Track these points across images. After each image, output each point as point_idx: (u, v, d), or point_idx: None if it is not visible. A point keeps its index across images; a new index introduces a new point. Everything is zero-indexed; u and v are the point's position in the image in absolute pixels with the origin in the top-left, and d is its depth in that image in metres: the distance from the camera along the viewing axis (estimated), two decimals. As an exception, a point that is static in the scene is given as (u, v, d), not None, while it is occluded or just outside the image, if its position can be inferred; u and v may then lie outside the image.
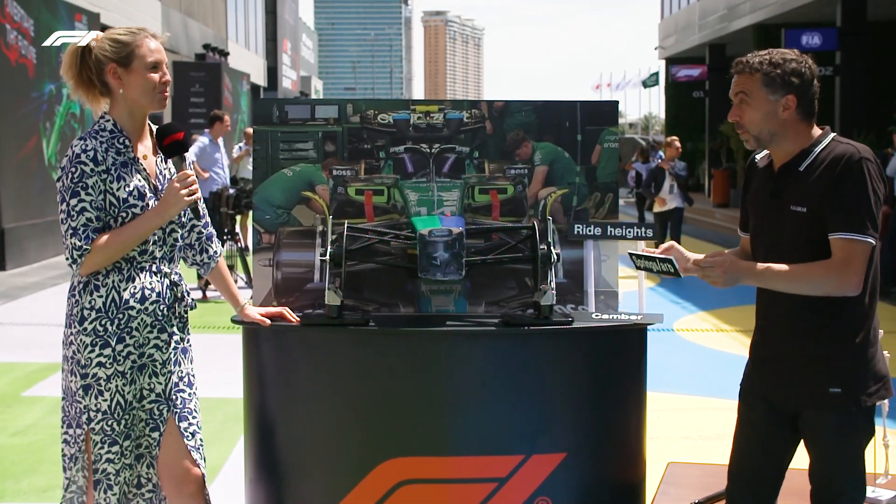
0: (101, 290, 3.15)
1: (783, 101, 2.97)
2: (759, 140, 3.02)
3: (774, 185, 3.03)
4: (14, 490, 5.02)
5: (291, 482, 3.50)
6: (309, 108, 3.76)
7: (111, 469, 3.19)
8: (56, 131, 15.21)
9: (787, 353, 3.02)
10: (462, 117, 3.74)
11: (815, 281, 2.89)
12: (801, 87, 2.98)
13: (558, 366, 3.46)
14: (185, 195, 3.17)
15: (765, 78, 2.97)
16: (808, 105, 3.01)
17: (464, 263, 3.45)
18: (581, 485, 3.47)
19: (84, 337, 3.14)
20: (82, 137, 3.18)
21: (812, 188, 2.93)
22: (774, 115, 2.98)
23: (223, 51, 31.98)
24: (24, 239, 13.90)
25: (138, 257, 3.20)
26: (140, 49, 3.18)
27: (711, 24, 27.81)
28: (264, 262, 3.70)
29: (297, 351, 3.49)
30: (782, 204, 2.99)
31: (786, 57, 2.99)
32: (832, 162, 2.93)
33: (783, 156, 3.03)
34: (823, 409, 2.98)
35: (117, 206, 3.15)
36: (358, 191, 3.71)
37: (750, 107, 2.99)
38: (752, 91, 2.98)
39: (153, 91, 3.20)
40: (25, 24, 14.26)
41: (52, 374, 7.46)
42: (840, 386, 2.95)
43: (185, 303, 3.32)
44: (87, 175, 3.11)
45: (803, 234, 2.94)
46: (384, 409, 3.40)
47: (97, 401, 3.16)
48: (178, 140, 3.28)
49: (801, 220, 2.95)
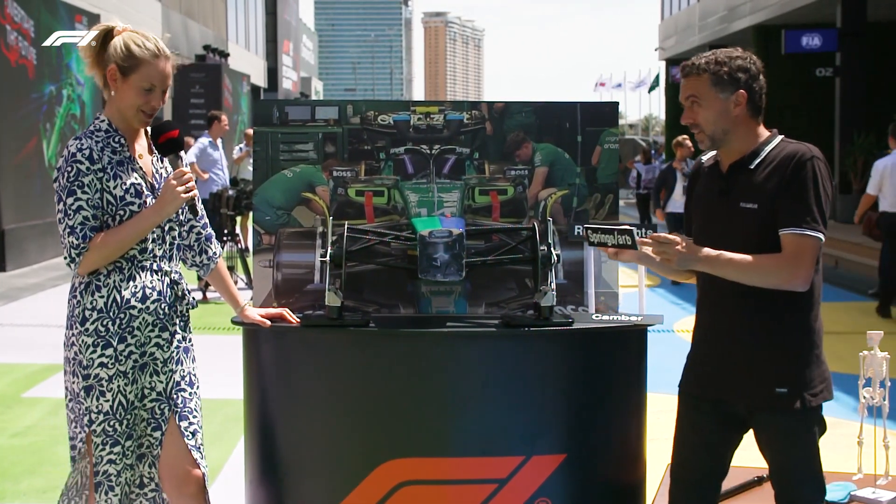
0: (102, 290, 3.15)
1: (734, 97, 3.02)
2: (713, 139, 3.06)
3: (724, 183, 3.07)
4: (14, 491, 5.02)
5: (292, 483, 3.49)
6: (309, 110, 3.76)
7: (112, 470, 3.18)
8: (56, 132, 15.21)
9: (732, 353, 3.04)
10: (462, 118, 3.74)
11: (765, 272, 2.92)
12: (748, 82, 3.03)
13: (558, 367, 3.46)
14: (182, 192, 3.18)
15: (713, 77, 3.02)
16: (756, 100, 3.05)
17: (464, 264, 3.45)
18: (581, 486, 3.47)
19: (86, 337, 3.14)
20: (78, 137, 3.19)
21: (763, 185, 2.98)
22: (727, 113, 3.03)
23: (223, 52, 32.00)
24: (24, 240, 13.90)
25: (139, 256, 3.20)
26: (145, 68, 3.17)
27: (711, 25, 27.82)
28: (264, 264, 3.70)
29: (297, 352, 3.48)
30: (731, 201, 3.03)
31: (731, 55, 3.05)
32: (783, 160, 2.98)
33: (733, 155, 3.08)
34: (771, 411, 3.01)
35: (115, 205, 3.15)
36: (358, 192, 3.71)
37: (702, 108, 3.04)
38: (702, 92, 3.03)
39: (136, 109, 3.19)
40: (26, 24, 14.26)
41: (52, 376, 7.46)
42: (786, 386, 2.98)
43: (186, 301, 3.32)
44: (82, 174, 3.11)
45: (753, 231, 2.98)
46: (384, 410, 3.39)
47: (99, 402, 3.16)
48: (173, 138, 3.28)
49: (751, 217, 2.98)
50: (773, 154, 3.01)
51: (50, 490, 4.99)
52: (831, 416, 6.66)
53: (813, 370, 3.01)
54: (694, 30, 30.17)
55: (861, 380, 3.97)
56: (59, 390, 6.98)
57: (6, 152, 13.44)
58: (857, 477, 3.94)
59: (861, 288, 12.03)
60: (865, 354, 3.93)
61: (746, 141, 3.05)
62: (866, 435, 3.99)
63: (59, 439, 5.85)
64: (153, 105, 3.21)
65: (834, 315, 10.36)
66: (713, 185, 3.12)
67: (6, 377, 7.50)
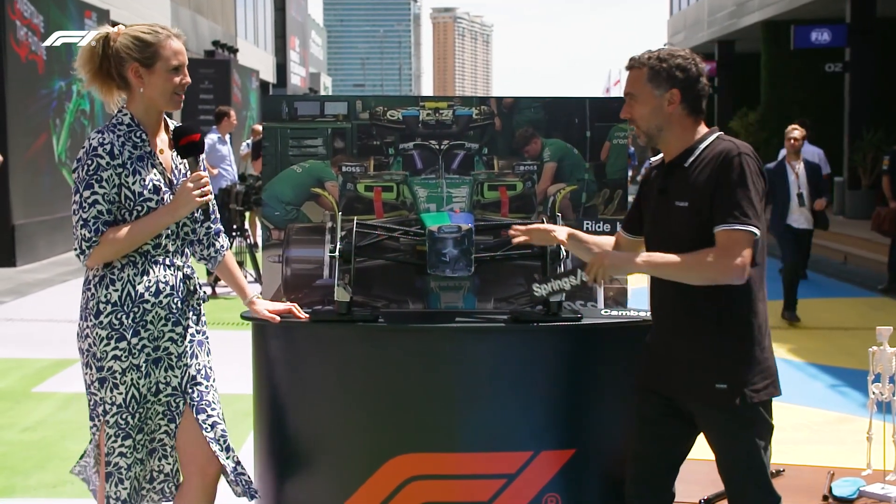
0: (116, 283, 3.17)
1: (668, 95, 3.05)
2: (648, 135, 3.10)
3: (663, 181, 3.11)
4: (23, 486, 5.03)
5: (302, 478, 3.51)
6: (318, 105, 3.76)
7: (123, 463, 3.20)
8: (66, 128, 15.25)
9: (676, 347, 3.07)
10: (471, 114, 3.74)
11: (698, 268, 2.95)
12: (685, 81, 3.05)
13: (567, 362, 3.46)
14: (197, 195, 3.19)
15: (650, 72, 3.05)
16: (693, 101, 3.07)
17: (473, 260, 3.45)
18: (590, 482, 3.47)
19: (100, 330, 3.16)
20: (100, 130, 3.20)
21: (694, 184, 3.01)
22: (660, 110, 3.06)
23: (232, 48, 32.03)
24: (34, 235, 13.94)
25: (152, 251, 3.22)
26: (164, 50, 3.19)
27: (720, 20, 27.75)
28: (274, 259, 3.71)
29: (306, 347, 3.49)
30: (669, 200, 3.07)
31: (673, 53, 3.08)
32: (712, 159, 3.01)
33: (671, 153, 3.11)
34: (711, 407, 3.03)
35: (133, 200, 3.17)
36: (367, 187, 3.72)
37: (638, 103, 3.08)
38: (639, 87, 3.07)
39: (171, 93, 3.22)
40: (35, 20, 14.29)
41: (62, 371, 7.48)
42: (725, 382, 2.99)
43: (198, 296, 3.33)
44: (102, 168, 3.13)
45: (686, 229, 3.01)
46: (393, 405, 3.40)
47: (112, 394, 3.18)
48: (194, 141, 3.30)
49: (683, 215, 3.02)
50: (706, 152, 3.04)
51: (59, 485, 5.01)
52: (841, 411, 6.68)
53: (754, 366, 3.01)
54: (703, 25, 30.09)
55: (870, 376, 3.96)
56: (69, 385, 7.03)
57: (16, 148, 13.47)
58: (867, 473, 3.94)
59: (870, 284, 11.99)
60: (875, 350, 3.92)
61: (682, 139, 3.08)
62: (875, 431, 3.99)
63: (69, 434, 5.87)
64: (185, 83, 3.25)
65: (843, 311, 10.35)
66: (655, 185, 3.17)
67: (16, 372, 7.53)
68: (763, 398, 3.01)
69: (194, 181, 3.21)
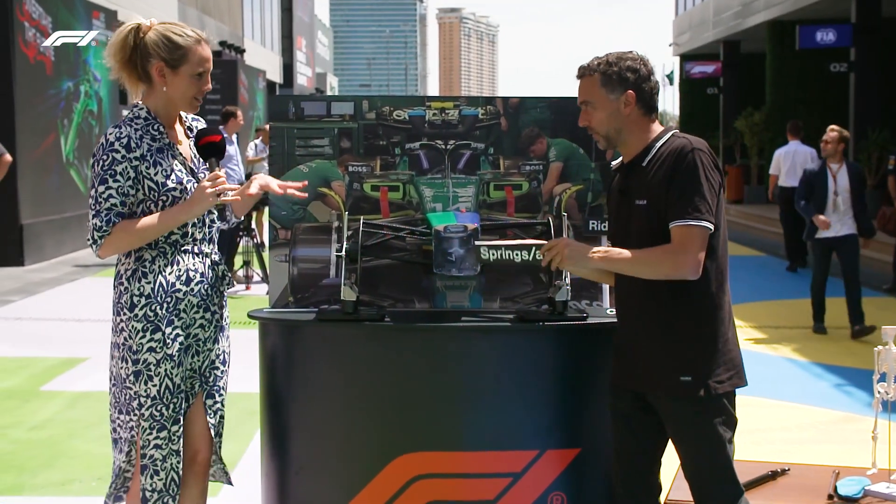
0: (148, 276, 3.22)
1: (623, 97, 3.09)
2: (608, 139, 3.15)
3: (623, 181, 3.16)
4: (31, 484, 5.06)
5: (308, 477, 3.52)
6: (325, 105, 3.78)
7: (158, 455, 3.25)
8: (74, 128, 15.29)
9: (639, 341, 3.12)
10: (477, 114, 3.75)
11: (653, 263, 3.02)
12: (636, 82, 3.10)
13: (573, 361, 3.47)
14: (213, 195, 3.21)
15: (602, 77, 3.11)
16: (647, 100, 3.12)
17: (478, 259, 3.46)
18: (594, 480, 3.48)
19: (135, 323, 3.20)
20: (117, 125, 3.24)
21: (651, 182, 3.06)
22: (618, 113, 3.11)
23: (239, 48, 32.08)
24: (42, 235, 13.98)
25: (181, 240, 3.27)
26: (192, 55, 3.22)
27: (726, 20, 27.72)
28: (280, 258, 3.72)
29: (312, 346, 3.51)
30: (629, 199, 3.12)
31: (621, 56, 3.13)
32: (668, 156, 3.06)
33: (630, 153, 3.16)
34: (676, 398, 3.07)
35: (157, 191, 3.21)
36: (373, 187, 3.73)
37: (594, 109, 3.13)
38: (593, 94, 3.12)
39: (192, 98, 3.26)
40: (44, 21, 14.33)
41: (70, 369, 7.52)
42: (690, 374, 3.04)
43: (226, 280, 3.43)
44: (116, 162, 3.16)
45: (645, 226, 3.06)
46: (399, 404, 3.41)
47: (147, 386, 3.22)
48: (214, 143, 3.33)
49: (642, 213, 3.07)
50: (663, 150, 3.09)
51: (67, 483, 5.04)
52: (846, 411, 6.68)
53: (717, 357, 3.06)
54: (708, 25, 30.06)
55: (876, 375, 3.96)
56: (77, 384, 7.05)
57: (24, 148, 13.51)
58: (872, 472, 3.94)
59: (875, 283, 11.99)
60: (880, 349, 3.92)
61: (640, 139, 3.13)
62: (881, 430, 3.99)
63: (77, 433, 5.90)
64: (206, 90, 3.28)
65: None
66: (616, 185, 3.23)
67: (24, 371, 7.56)
68: (727, 389, 3.07)
69: (212, 180, 3.23)
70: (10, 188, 13.08)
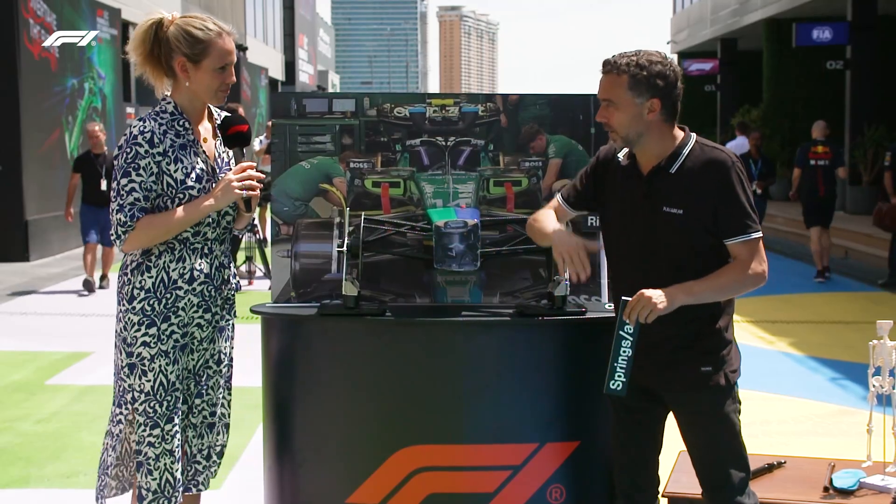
0: (152, 270, 3.20)
1: (648, 104, 3.04)
2: (626, 141, 3.10)
3: (647, 187, 3.11)
4: (38, 476, 5.11)
5: (309, 470, 3.54)
6: (326, 102, 3.81)
7: (151, 453, 3.23)
8: (78, 125, 15.32)
9: (663, 339, 3.10)
10: (477, 111, 3.78)
11: (739, 284, 3.06)
12: (665, 90, 3.05)
13: (572, 355, 3.50)
14: (238, 188, 3.22)
15: (631, 80, 3.03)
16: (671, 108, 3.09)
17: (479, 254, 3.50)
18: (593, 473, 3.52)
19: (132, 315, 3.20)
20: (142, 119, 3.22)
21: (688, 191, 3.05)
22: (640, 118, 3.05)
23: (242, 45, 32.05)
24: (47, 230, 14.04)
25: (191, 238, 3.25)
26: (213, 49, 3.20)
27: (723, 18, 27.71)
28: (283, 254, 3.75)
29: (314, 340, 3.53)
30: (654, 205, 3.08)
31: (651, 59, 3.05)
32: (704, 168, 3.06)
33: (651, 158, 3.11)
34: (698, 390, 3.12)
35: (175, 188, 3.18)
36: (375, 183, 3.76)
37: (617, 109, 3.06)
38: (618, 95, 3.05)
39: (216, 91, 3.24)
40: (48, 18, 14.37)
41: (75, 363, 7.57)
42: (710, 364, 3.10)
43: (230, 286, 3.39)
44: (140, 156, 3.14)
45: (677, 234, 3.06)
46: (400, 397, 3.44)
47: (141, 381, 3.21)
48: (242, 132, 3.34)
49: (675, 221, 3.05)
50: (693, 159, 3.08)
51: (73, 475, 5.08)
52: (842, 404, 6.72)
53: (731, 348, 3.16)
54: (706, 23, 30.05)
55: (871, 369, 4.00)
56: (83, 378, 7.09)
57: (29, 144, 13.56)
58: (867, 464, 3.98)
59: (871, 278, 12.02)
60: (875, 344, 3.96)
61: (662, 144, 3.09)
62: (876, 423, 4.03)
63: (83, 425, 5.95)
64: (229, 83, 3.26)
65: (844, 305, 10.37)
66: (634, 188, 3.14)
67: (30, 365, 7.61)
68: (737, 378, 3.18)
69: (238, 173, 3.24)
70: (15, 184, 13.14)
